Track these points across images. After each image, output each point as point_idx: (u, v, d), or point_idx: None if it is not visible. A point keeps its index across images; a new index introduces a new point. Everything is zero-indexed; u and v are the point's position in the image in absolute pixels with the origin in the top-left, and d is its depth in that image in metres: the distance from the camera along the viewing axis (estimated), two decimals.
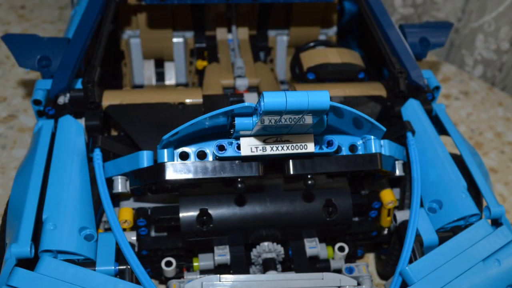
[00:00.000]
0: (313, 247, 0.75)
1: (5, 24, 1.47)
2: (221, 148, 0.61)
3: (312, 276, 0.65)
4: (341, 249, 0.77)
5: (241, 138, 0.60)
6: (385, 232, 0.81)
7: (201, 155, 0.64)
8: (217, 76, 0.97)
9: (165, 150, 0.63)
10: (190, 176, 0.63)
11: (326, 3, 1.10)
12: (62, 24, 1.49)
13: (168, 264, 0.73)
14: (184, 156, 0.64)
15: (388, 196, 0.75)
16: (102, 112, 0.78)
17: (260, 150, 0.60)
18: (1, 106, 1.20)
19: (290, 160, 0.64)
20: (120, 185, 0.69)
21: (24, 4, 1.55)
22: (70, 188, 0.66)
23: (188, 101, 0.81)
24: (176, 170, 0.63)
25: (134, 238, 0.69)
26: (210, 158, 0.64)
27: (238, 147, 0.61)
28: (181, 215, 0.69)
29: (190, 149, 0.64)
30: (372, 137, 0.68)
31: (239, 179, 0.62)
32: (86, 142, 0.74)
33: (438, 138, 0.77)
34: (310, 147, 0.62)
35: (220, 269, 0.74)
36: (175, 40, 1.09)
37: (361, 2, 0.98)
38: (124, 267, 0.63)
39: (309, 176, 0.64)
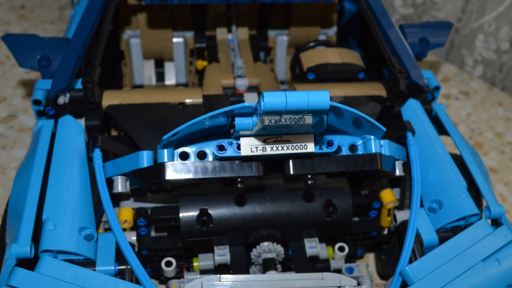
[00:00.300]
0: (313, 247, 0.75)
1: (5, 24, 1.47)
2: (221, 148, 0.61)
3: (312, 276, 0.65)
4: (341, 249, 0.77)
5: (241, 138, 0.60)
6: (385, 232, 0.81)
7: (201, 155, 0.64)
8: (217, 76, 0.97)
9: (165, 150, 0.63)
10: (190, 176, 0.63)
11: (326, 3, 1.10)
12: (62, 24, 1.49)
13: (168, 264, 0.73)
14: (184, 156, 0.64)
15: (388, 196, 0.75)
16: (102, 112, 0.78)
17: (260, 150, 0.60)
18: (1, 106, 1.20)
19: (290, 160, 0.64)
20: (120, 185, 0.69)
21: (24, 4, 1.55)
22: (70, 188, 0.66)
23: (188, 101, 0.81)
24: (176, 170, 0.63)
25: (134, 238, 0.69)
26: (210, 158, 0.64)
27: (238, 147, 0.61)
28: (181, 215, 0.69)
29: (190, 149, 0.64)
30: (372, 137, 0.68)
31: (239, 179, 0.62)
32: (86, 142, 0.74)
33: (438, 138, 0.77)
34: (310, 147, 0.62)
35: (220, 269, 0.74)
36: (175, 40, 1.09)
37: (361, 2, 0.98)
38: (124, 267, 0.63)
39: (309, 176, 0.64)
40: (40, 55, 0.83)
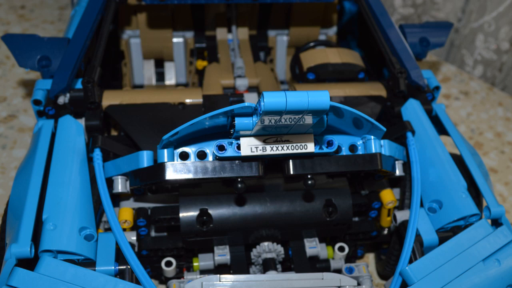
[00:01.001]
0: (313, 247, 0.75)
1: (5, 24, 1.47)
2: (221, 148, 0.61)
3: (312, 276, 0.65)
4: (341, 249, 0.77)
5: (241, 138, 0.60)
6: (385, 232, 0.81)
7: (201, 155, 0.64)
8: (217, 76, 0.97)
9: (165, 150, 0.63)
10: (190, 176, 0.63)
11: (326, 3, 1.10)
12: (62, 24, 1.49)
13: (168, 264, 0.73)
14: (184, 156, 0.64)
15: (388, 196, 0.75)
16: (102, 112, 0.78)
17: (260, 150, 0.60)
18: (1, 106, 1.20)
19: (290, 160, 0.64)
20: (120, 185, 0.69)
21: (24, 4, 1.55)
22: (70, 188, 0.66)
23: (188, 101, 0.81)
24: (176, 170, 0.63)
25: (134, 238, 0.69)
26: (210, 158, 0.64)
27: (238, 147, 0.61)
28: (181, 215, 0.69)
29: (190, 149, 0.64)
30: (372, 137, 0.68)
31: (239, 179, 0.62)
32: (86, 142, 0.74)
33: (438, 138, 0.77)
34: (310, 147, 0.62)
35: (220, 269, 0.74)
36: (175, 40, 1.09)
37: (361, 2, 0.98)
38: (124, 267, 0.63)
39: (309, 176, 0.64)
40: (40, 55, 0.83)
